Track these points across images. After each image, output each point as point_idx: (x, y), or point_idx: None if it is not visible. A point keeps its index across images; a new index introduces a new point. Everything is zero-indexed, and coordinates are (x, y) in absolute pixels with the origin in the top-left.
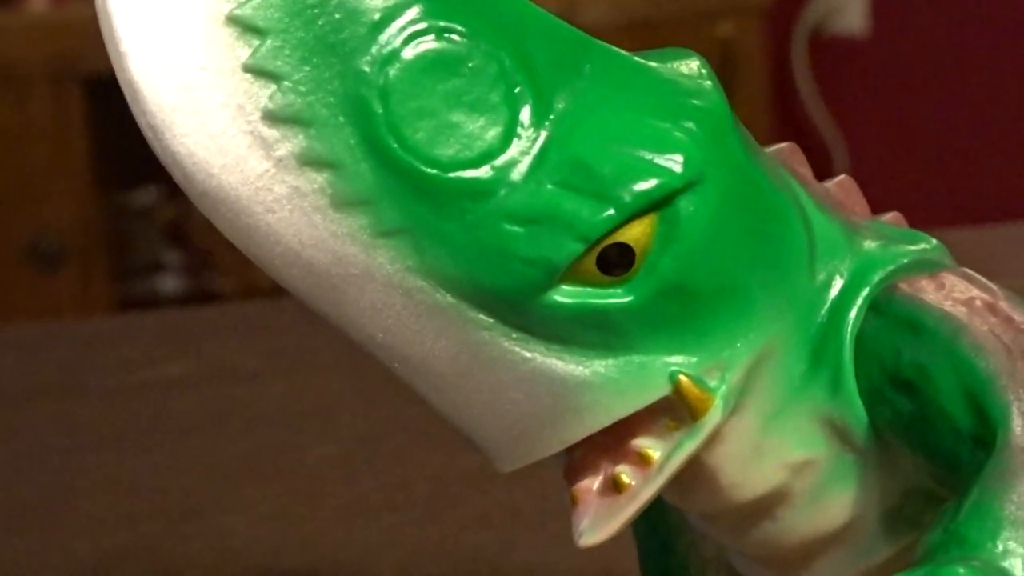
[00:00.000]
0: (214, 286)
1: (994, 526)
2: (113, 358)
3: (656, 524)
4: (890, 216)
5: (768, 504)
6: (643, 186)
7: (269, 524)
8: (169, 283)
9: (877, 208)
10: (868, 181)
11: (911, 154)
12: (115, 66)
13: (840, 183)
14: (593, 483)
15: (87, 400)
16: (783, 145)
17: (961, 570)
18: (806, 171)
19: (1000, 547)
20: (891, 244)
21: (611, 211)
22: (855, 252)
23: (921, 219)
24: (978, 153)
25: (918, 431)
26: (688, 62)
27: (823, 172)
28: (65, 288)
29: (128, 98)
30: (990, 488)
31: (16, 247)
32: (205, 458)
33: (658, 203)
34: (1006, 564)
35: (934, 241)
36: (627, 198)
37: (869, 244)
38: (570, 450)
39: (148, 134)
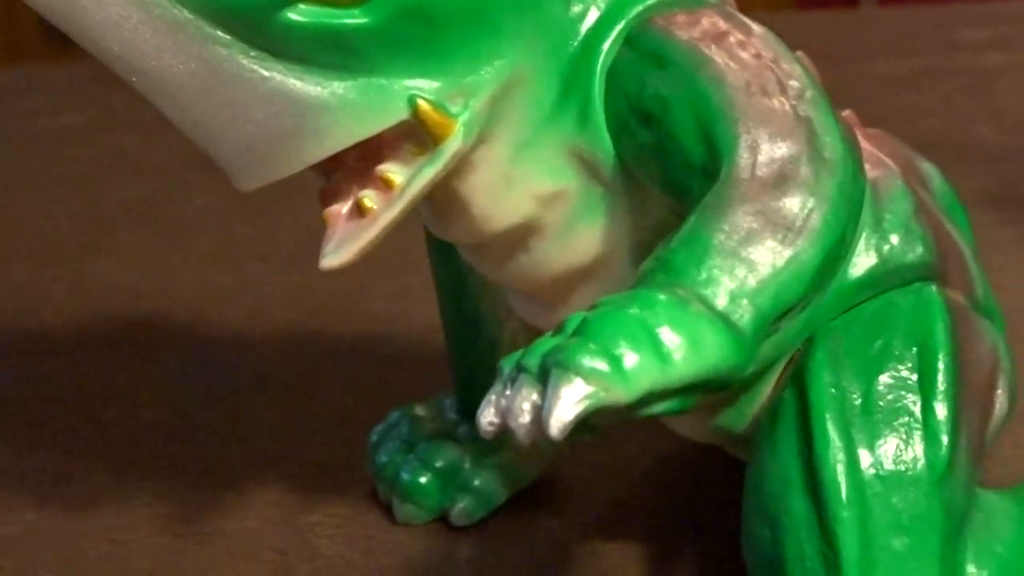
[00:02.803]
0: None
1: (702, 253)
2: (20, 108)
3: (453, 276)
4: None
5: (521, 235)
6: None
7: (135, 268)
8: None
9: None
10: None
11: None
12: None
13: None
14: (343, 207)
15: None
16: None
17: (661, 296)
18: None
19: (704, 274)
20: None
21: None
22: None
23: None
24: None
25: (656, 163)
26: None
27: None
28: None
29: None
30: (705, 217)
31: None
32: (87, 205)
33: None
34: (707, 291)
35: None
36: None
37: None
38: (327, 174)
39: None
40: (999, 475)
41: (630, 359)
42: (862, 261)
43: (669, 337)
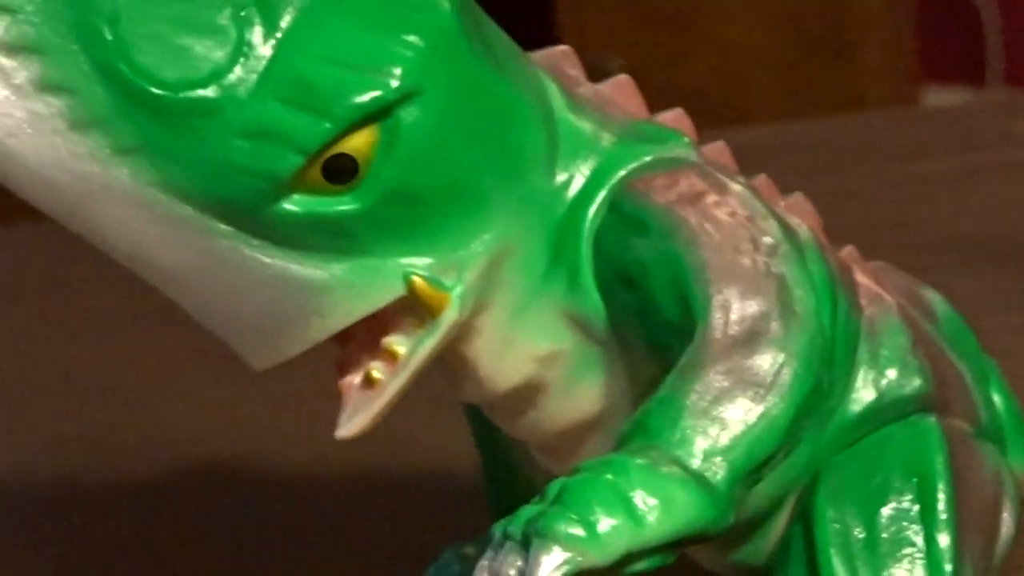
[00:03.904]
0: None
1: (675, 415)
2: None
3: (485, 426)
4: (670, 114)
5: (526, 394)
6: (358, 99)
7: (205, 412)
8: None
9: None
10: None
11: None
12: None
13: (616, 82)
14: (355, 378)
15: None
16: (557, 48)
17: (635, 460)
18: (576, 73)
19: (678, 435)
20: (638, 143)
21: (327, 124)
22: (601, 152)
23: None
24: None
25: (640, 324)
26: None
27: (973, 37)
28: None
29: None
30: (679, 378)
31: None
32: (158, 349)
33: (375, 114)
34: (681, 452)
35: (685, 139)
36: (341, 111)
37: (617, 144)
38: (341, 344)
39: None
40: None
41: (604, 524)
42: (860, 396)
43: (642, 500)
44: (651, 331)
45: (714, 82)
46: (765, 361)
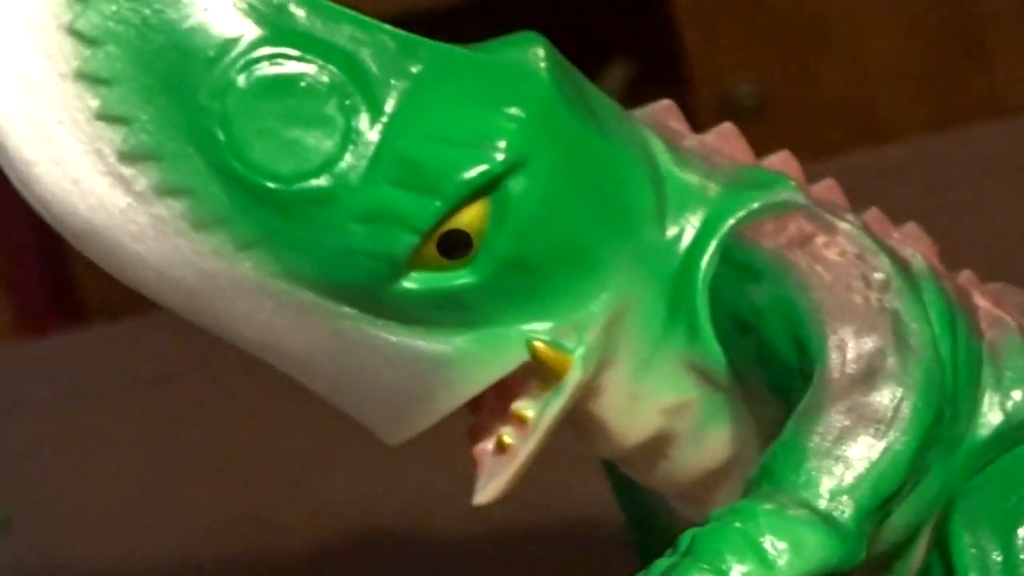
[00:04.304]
0: None
1: (799, 458)
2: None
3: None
4: (776, 157)
5: (656, 446)
6: (466, 175)
7: (362, 481)
8: None
9: None
10: None
11: None
12: None
13: (720, 131)
14: (488, 444)
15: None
16: (659, 104)
17: (763, 506)
18: (680, 126)
19: (803, 477)
20: (745, 191)
21: (438, 202)
22: (709, 202)
23: None
24: None
25: (759, 368)
26: (529, 48)
27: None
28: None
29: None
30: (800, 421)
31: None
32: (314, 422)
33: (484, 188)
34: (808, 494)
35: (792, 182)
36: (451, 188)
37: (724, 192)
38: (472, 412)
39: (18, 185)
40: None
41: (736, 571)
42: (988, 420)
43: (771, 545)
44: (771, 375)
45: (850, 95)
46: (884, 397)
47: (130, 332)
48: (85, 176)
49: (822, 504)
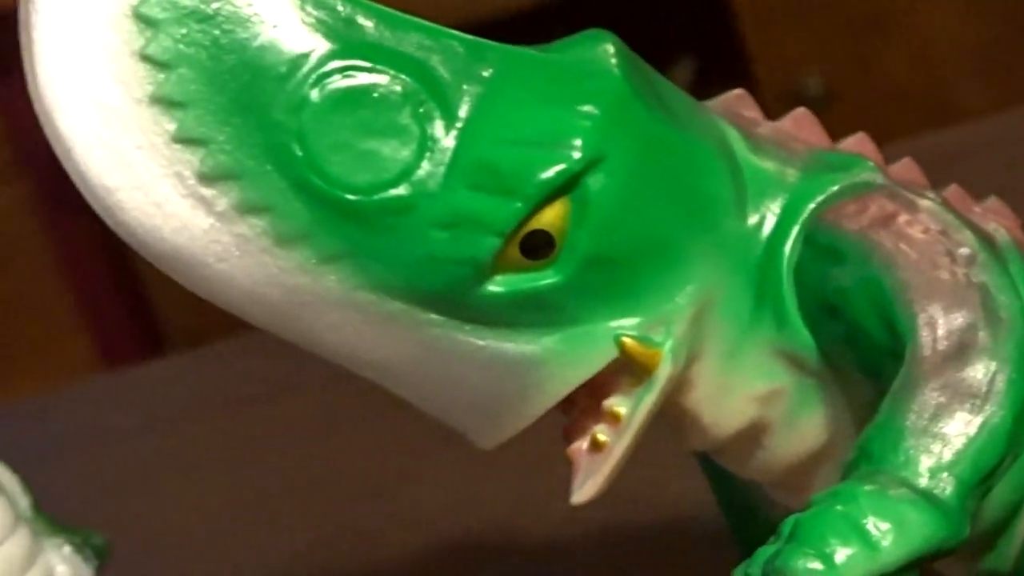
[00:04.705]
0: None
1: (896, 437)
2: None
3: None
4: (852, 139)
5: (752, 435)
6: (544, 175)
7: (449, 491)
8: None
9: None
10: None
11: None
12: (62, 161)
13: (795, 116)
14: (583, 443)
15: (298, 397)
16: (731, 93)
17: (863, 487)
18: (753, 114)
19: (901, 457)
20: (823, 174)
21: (518, 204)
22: (787, 187)
23: None
24: None
25: (850, 350)
26: (598, 46)
27: None
28: None
29: (78, 185)
30: (895, 400)
31: None
32: (396, 434)
33: (563, 187)
34: (907, 473)
35: (870, 163)
36: (530, 189)
37: (802, 177)
38: (565, 412)
39: (101, 213)
40: None
41: (841, 554)
42: None
43: (874, 526)
44: (862, 357)
45: (915, 80)
46: (978, 372)
47: (211, 358)
48: (167, 199)
49: (923, 482)
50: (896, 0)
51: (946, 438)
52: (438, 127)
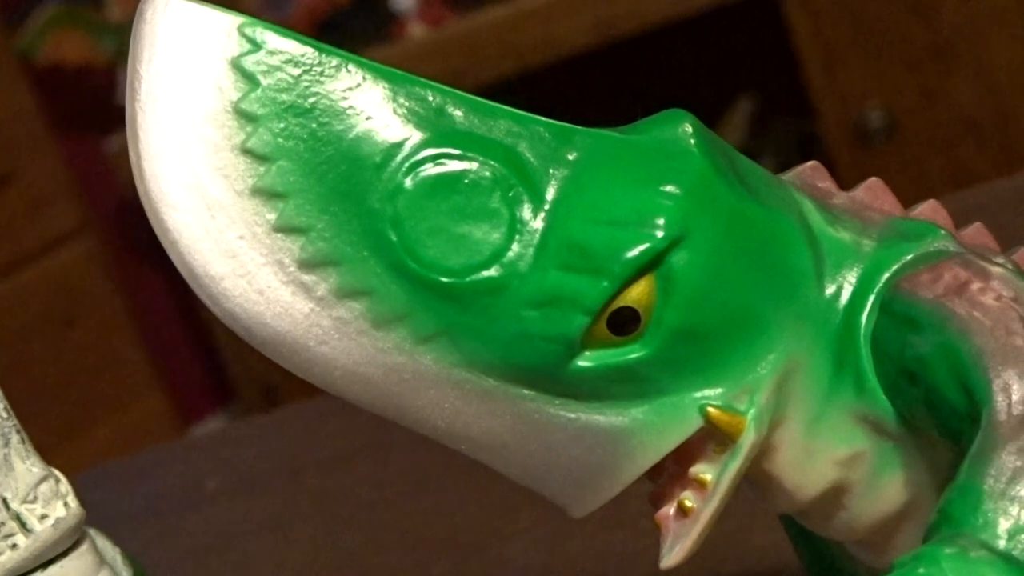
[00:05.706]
0: None
1: (975, 501)
2: None
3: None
4: (924, 207)
5: (834, 497)
6: (630, 254)
7: (541, 547)
8: None
9: None
10: None
11: None
12: (168, 252)
13: (869, 185)
14: (670, 509)
15: (384, 457)
16: (806, 165)
17: (947, 549)
18: (828, 184)
19: (980, 520)
20: (898, 243)
21: (606, 282)
22: (863, 257)
23: None
24: None
25: (929, 415)
26: (678, 126)
27: None
28: None
29: (184, 274)
30: (973, 464)
31: None
32: (488, 494)
33: (648, 265)
34: (986, 535)
35: (942, 231)
36: (617, 268)
37: (878, 247)
38: (653, 479)
39: (207, 301)
40: None
41: None
42: None
43: None
44: (941, 420)
45: (981, 110)
46: None
47: (292, 418)
48: (269, 286)
49: (1001, 544)
50: (959, 30)
51: (1023, 501)
52: (527, 210)
